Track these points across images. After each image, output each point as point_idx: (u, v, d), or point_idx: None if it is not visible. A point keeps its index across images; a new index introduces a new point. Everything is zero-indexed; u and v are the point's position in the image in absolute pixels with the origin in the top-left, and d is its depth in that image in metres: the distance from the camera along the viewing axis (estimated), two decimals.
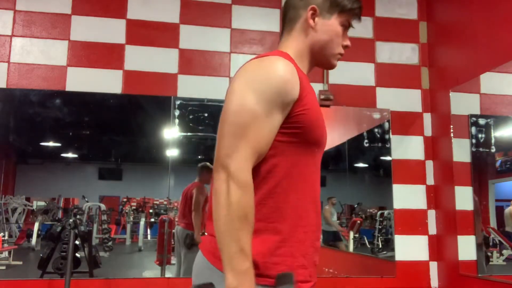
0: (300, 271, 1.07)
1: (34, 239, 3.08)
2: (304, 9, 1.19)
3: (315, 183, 1.15)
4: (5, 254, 2.96)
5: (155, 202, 3.29)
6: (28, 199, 3.07)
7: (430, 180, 3.15)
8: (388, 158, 3.15)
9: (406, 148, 3.16)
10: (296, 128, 1.06)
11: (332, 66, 1.26)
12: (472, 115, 2.83)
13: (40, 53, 2.87)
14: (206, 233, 1.13)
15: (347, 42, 1.25)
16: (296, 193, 1.07)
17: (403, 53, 3.27)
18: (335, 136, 3.31)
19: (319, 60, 1.24)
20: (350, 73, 3.17)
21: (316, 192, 1.15)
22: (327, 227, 3.33)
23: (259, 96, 1.01)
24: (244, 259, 0.95)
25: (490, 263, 2.72)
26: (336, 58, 1.25)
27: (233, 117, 1.01)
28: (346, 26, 1.25)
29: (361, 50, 3.22)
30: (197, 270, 1.10)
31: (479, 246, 2.71)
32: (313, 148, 1.12)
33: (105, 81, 2.90)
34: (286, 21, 1.23)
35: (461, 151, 2.87)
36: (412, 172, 3.14)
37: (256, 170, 1.03)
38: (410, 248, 3.05)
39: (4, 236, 3.00)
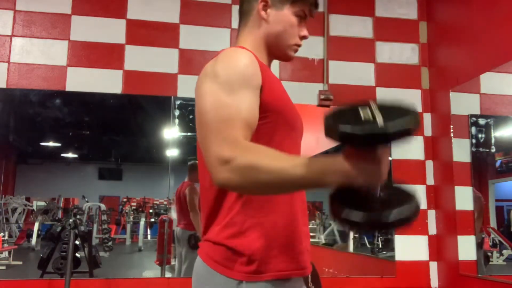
0: (300, 258, 1.09)
1: (34, 239, 3.08)
2: (256, 1, 1.18)
3: None
4: (5, 254, 2.96)
5: (155, 202, 3.30)
6: (28, 199, 3.08)
7: (430, 180, 3.15)
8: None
9: (406, 148, 3.15)
10: (267, 111, 1.05)
11: (288, 58, 1.23)
12: (472, 115, 2.83)
13: (40, 53, 2.87)
14: (202, 239, 1.13)
15: (304, 33, 1.20)
16: None
17: (403, 53, 3.27)
18: None
19: (276, 52, 1.22)
20: (350, 73, 3.17)
21: None
22: None
23: (228, 87, 1.00)
24: (313, 162, 0.85)
25: (490, 263, 2.72)
26: (293, 50, 1.21)
27: (210, 115, 0.98)
28: (302, 16, 1.19)
29: (361, 50, 3.22)
30: (198, 276, 1.10)
31: (479, 246, 2.72)
32: (288, 130, 1.12)
33: (105, 81, 2.90)
34: (241, 15, 1.22)
35: (461, 151, 2.87)
36: (412, 172, 3.14)
37: None
38: (410, 248, 3.05)
39: (4, 236, 3.01)
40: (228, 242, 1.03)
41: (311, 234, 1.26)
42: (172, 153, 3.01)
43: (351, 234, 3.35)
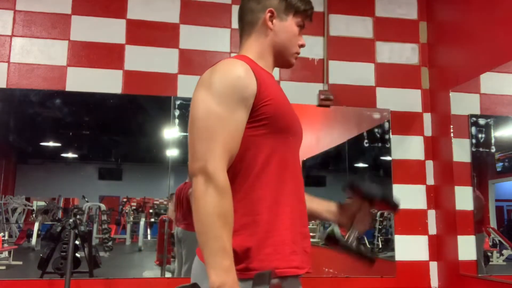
0: (293, 257, 1.11)
1: (34, 239, 3.08)
2: (262, 12, 1.25)
3: (295, 170, 1.19)
4: (5, 254, 2.96)
5: (155, 202, 3.29)
6: (28, 199, 3.07)
7: (430, 180, 3.15)
8: (388, 158, 3.15)
9: (406, 148, 3.16)
10: (264, 119, 1.11)
11: (291, 65, 1.32)
12: (472, 115, 2.83)
13: (40, 53, 2.87)
14: None
15: (303, 42, 1.30)
16: (277, 183, 1.12)
17: (403, 53, 3.27)
18: (335, 136, 3.31)
19: (279, 60, 1.29)
20: (350, 73, 3.17)
21: (297, 179, 1.19)
22: None
23: (218, 98, 1.07)
24: (225, 257, 0.98)
25: (490, 263, 2.72)
26: (294, 57, 1.31)
27: (200, 123, 1.07)
28: (301, 26, 1.29)
29: (361, 50, 3.22)
30: (195, 274, 1.14)
31: (479, 246, 2.72)
32: (286, 136, 1.16)
33: (105, 81, 2.90)
34: (244, 25, 1.28)
35: (461, 151, 2.87)
36: (412, 172, 3.14)
37: (235, 167, 1.08)
38: (410, 248, 3.05)
39: (4, 236, 3.01)
40: None
41: (311, 234, 1.26)
42: (172, 153, 3.01)
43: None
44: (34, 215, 3.13)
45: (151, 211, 3.31)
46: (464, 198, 2.83)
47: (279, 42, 1.25)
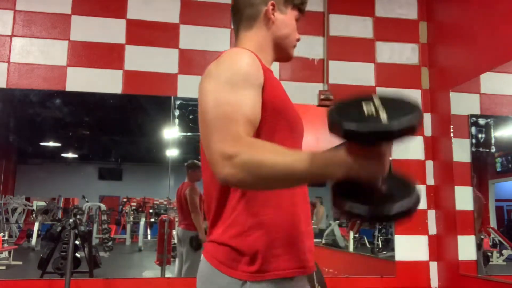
0: (302, 257, 1.09)
1: (34, 239, 3.08)
2: (263, 5, 1.23)
3: None
4: (5, 254, 2.96)
5: (155, 202, 3.30)
6: (28, 199, 3.07)
7: (430, 180, 3.15)
8: None
9: (406, 148, 3.15)
10: (270, 110, 1.07)
11: (291, 57, 1.31)
12: (472, 115, 2.83)
13: (40, 53, 2.87)
14: (207, 240, 1.14)
15: (298, 36, 1.29)
16: None
17: (403, 53, 3.27)
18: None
19: (280, 53, 1.28)
20: (350, 73, 3.17)
21: None
22: None
23: (230, 85, 1.02)
24: (315, 160, 0.86)
25: (490, 263, 2.72)
26: (293, 50, 1.30)
27: (213, 112, 0.99)
28: (297, 20, 1.29)
29: (361, 50, 3.22)
30: (202, 276, 1.10)
31: (479, 246, 2.72)
32: (290, 132, 1.13)
33: (105, 81, 2.90)
34: (244, 18, 1.26)
35: (461, 151, 2.87)
36: (412, 172, 3.14)
37: None
38: (410, 248, 3.05)
39: (4, 236, 3.01)
40: (232, 242, 1.04)
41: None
42: (172, 153, 3.01)
43: (351, 234, 3.35)
44: (34, 215, 3.13)
45: (151, 211, 3.31)
46: (464, 198, 2.83)
47: (280, 35, 1.24)
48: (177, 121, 2.96)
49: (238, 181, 0.91)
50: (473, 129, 2.81)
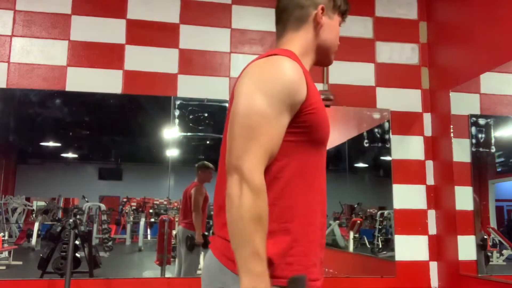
0: (313, 269, 1.08)
1: (34, 239, 3.08)
2: (313, 7, 1.23)
3: (322, 182, 1.17)
4: (5, 254, 2.96)
5: (155, 202, 3.29)
6: (28, 199, 3.07)
7: (430, 180, 3.15)
8: (388, 158, 3.15)
9: (406, 148, 3.16)
10: (305, 127, 1.07)
11: (331, 62, 1.32)
12: (472, 115, 2.83)
13: (40, 53, 2.87)
14: (215, 234, 1.13)
15: (339, 42, 1.32)
16: (306, 192, 1.09)
17: (403, 53, 3.27)
18: (335, 136, 3.31)
19: (322, 57, 1.28)
20: (350, 73, 3.17)
21: (323, 191, 1.17)
22: None
23: (268, 97, 1.02)
24: (259, 262, 0.95)
25: (490, 263, 2.72)
26: (334, 56, 1.32)
27: (243, 119, 1.01)
28: (340, 26, 1.32)
29: (361, 50, 3.22)
30: (209, 271, 1.10)
31: (479, 246, 2.72)
32: (320, 146, 1.14)
33: (105, 81, 2.90)
34: (292, 20, 1.24)
35: (461, 151, 2.87)
36: (412, 172, 3.14)
37: (267, 171, 1.03)
38: (410, 248, 3.05)
39: (4, 236, 3.00)
40: None
41: None
42: (172, 153, 3.01)
43: (351, 234, 3.35)
44: (34, 215, 3.13)
45: (151, 211, 3.31)
46: (464, 198, 2.83)
47: (326, 40, 1.25)
48: (177, 121, 2.96)
49: (230, 195, 0.97)
50: (473, 129, 2.81)
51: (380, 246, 3.37)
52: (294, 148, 1.07)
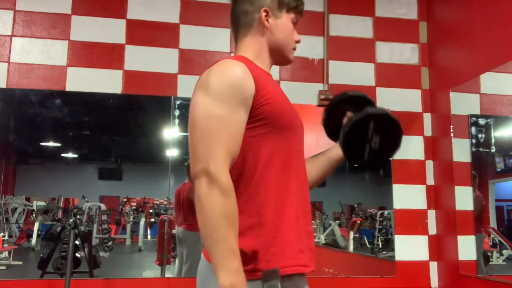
0: (299, 255, 1.11)
1: (34, 239, 3.08)
2: (257, 12, 1.26)
3: (299, 168, 1.19)
4: (5, 254, 2.96)
5: (155, 202, 3.29)
6: (28, 199, 3.07)
7: (430, 180, 3.15)
8: None
9: (406, 148, 3.15)
10: (264, 119, 1.11)
11: (290, 61, 1.33)
12: (472, 115, 2.83)
13: (40, 53, 2.87)
14: None
15: (298, 38, 1.31)
16: (281, 182, 1.12)
17: (403, 53, 3.27)
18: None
19: (278, 57, 1.30)
20: (350, 73, 3.17)
21: (301, 177, 1.19)
22: None
23: (218, 99, 1.07)
24: (235, 258, 0.98)
25: (490, 263, 2.72)
26: (292, 53, 1.32)
27: (200, 124, 1.07)
28: (294, 23, 1.31)
29: (361, 50, 3.22)
30: (201, 274, 1.14)
31: (479, 246, 2.72)
32: (286, 133, 1.16)
33: (105, 81, 2.90)
34: (240, 27, 1.30)
35: (461, 151, 2.87)
36: (412, 172, 3.14)
37: (237, 169, 1.08)
38: (410, 248, 3.05)
39: (4, 236, 3.00)
40: None
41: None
42: (172, 153, 3.01)
43: (351, 234, 3.35)
44: (34, 215, 3.13)
45: (151, 211, 3.31)
46: (464, 198, 2.83)
47: (276, 40, 1.26)
48: (177, 121, 2.96)
49: (200, 196, 1.01)
50: (473, 129, 2.81)
51: (380, 246, 3.37)
52: (260, 141, 1.11)
